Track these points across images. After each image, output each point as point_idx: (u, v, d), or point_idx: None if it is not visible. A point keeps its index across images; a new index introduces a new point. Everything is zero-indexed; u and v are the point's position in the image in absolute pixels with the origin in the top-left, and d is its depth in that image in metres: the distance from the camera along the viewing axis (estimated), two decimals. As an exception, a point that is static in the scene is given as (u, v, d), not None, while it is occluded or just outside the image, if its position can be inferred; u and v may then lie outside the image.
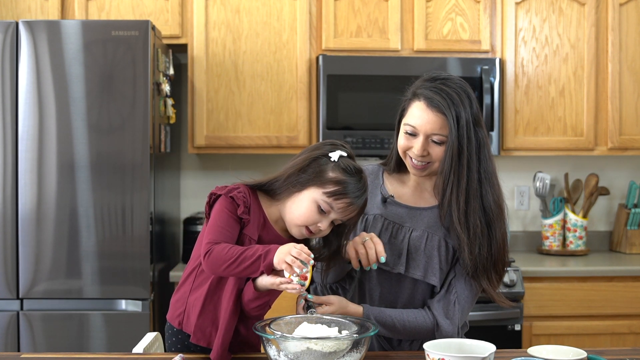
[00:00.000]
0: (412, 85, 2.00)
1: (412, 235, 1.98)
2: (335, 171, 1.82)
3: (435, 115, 1.90)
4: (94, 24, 3.15)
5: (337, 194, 1.80)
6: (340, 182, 1.81)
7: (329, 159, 1.84)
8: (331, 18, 3.56)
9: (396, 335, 2.01)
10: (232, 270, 1.74)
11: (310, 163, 1.84)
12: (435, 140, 1.92)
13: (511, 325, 3.29)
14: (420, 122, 1.91)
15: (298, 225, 1.83)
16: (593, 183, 3.84)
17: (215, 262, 1.75)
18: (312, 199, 1.81)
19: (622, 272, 3.42)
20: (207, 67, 3.53)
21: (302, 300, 1.94)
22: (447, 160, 1.91)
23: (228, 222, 1.80)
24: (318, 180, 1.81)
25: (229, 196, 1.82)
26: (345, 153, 1.86)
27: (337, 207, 1.81)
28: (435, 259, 1.97)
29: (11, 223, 3.06)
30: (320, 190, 1.81)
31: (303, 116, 3.55)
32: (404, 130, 1.95)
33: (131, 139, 3.06)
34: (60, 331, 3.06)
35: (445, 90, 1.91)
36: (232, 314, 1.82)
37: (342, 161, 1.84)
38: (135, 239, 3.07)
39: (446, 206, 1.93)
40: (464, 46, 3.60)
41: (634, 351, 1.98)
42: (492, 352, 1.64)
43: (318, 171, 1.82)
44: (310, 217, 1.81)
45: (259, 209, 1.86)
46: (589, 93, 3.64)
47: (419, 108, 1.92)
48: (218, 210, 1.82)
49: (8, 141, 3.05)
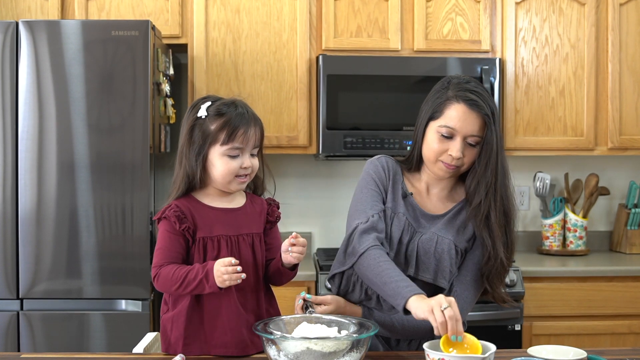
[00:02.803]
0: (440, 90, 2.00)
1: (421, 239, 1.99)
2: (212, 121, 1.89)
3: (477, 116, 1.93)
4: (94, 24, 3.15)
5: (230, 135, 1.87)
6: (224, 125, 1.88)
7: (200, 118, 1.90)
8: (331, 18, 3.56)
9: (395, 335, 2.01)
10: (182, 291, 1.84)
11: (191, 133, 1.91)
12: (471, 142, 1.94)
13: (511, 325, 3.29)
14: (461, 123, 1.93)
15: (228, 182, 1.91)
16: (593, 183, 3.84)
17: (165, 284, 1.86)
18: (219, 156, 1.89)
19: (622, 272, 3.42)
20: (207, 67, 3.53)
21: (301, 300, 1.94)
22: (483, 162, 1.94)
23: (170, 241, 1.88)
24: (208, 140, 1.89)
25: (163, 218, 1.89)
26: (208, 102, 1.92)
27: (239, 143, 1.88)
28: (445, 262, 1.97)
29: (11, 223, 3.05)
30: (217, 145, 1.89)
31: (303, 116, 3.55)
32: (439, 132, 1.95)
33: (131, 139, 3.06)
34: (60, 331, 3.06)
35: (480, 92, 1.95)
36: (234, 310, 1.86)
37: (210, 110, 1.90)
38: (135, 239, 3.07)
39: (476, 206, 1.96)
40: (464, 46, 3.60)
41: (634, 351, 1.98)
42: (492, 352, 1.64)
43: (201, 134, 1.89)
44: (230, 169, 1.89)
45: (201, 207, 1.92)
46: (589, 93, 3.64)
47: (459, 110, 1.93)
48: (159, 234, 1.91)
49: (8, 141, 3.05)
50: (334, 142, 3.49)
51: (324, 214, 3.91)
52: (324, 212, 3.91)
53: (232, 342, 1.86)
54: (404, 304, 1.77)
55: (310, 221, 3.91)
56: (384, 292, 1.85)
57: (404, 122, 3.50)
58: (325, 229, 3.92)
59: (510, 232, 2.00)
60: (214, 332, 1.87)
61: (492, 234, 1.96)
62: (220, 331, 1.86)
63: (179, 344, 1.88)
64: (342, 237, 2.04)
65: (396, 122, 3.50)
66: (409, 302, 1.76)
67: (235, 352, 1.86)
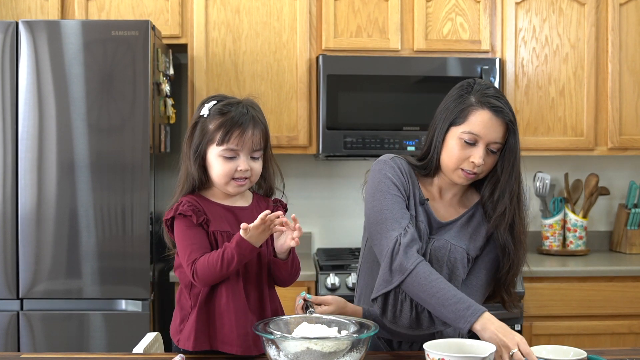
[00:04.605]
0: (461, 95, 1.96)
1: (433, 245, 1.97)
2: (212, 121, 1.88)
3: (501, 123, 1.91)
4: (94, 24, 3.15)
5: (225, 136, 1.86)
6: (220, 126, 1.87)
7: (202, 117, 1.89)
8: (331, 18, 3.56)
9: (398, 338, 2.01)
10: (225, 271, 1.81)
11: (192, 131, 1.91)
12: (493, 149, 1.93)
13: (511, 326, 3.28)
14: (486, 130, 1.91)
15: (225, 184, 1.89)
16: (593, 183, 3.84)
17: (205, 274, 1.81)
18: (215, 157, 1.88)
19: (622, 272, 3.42)
20: (207, 67, 3.53)
21: (301, 300, 1.94)
22: (507, 168, 1.94)
23: (193, 236, 1.86)
24: (205, 139, 1.88)
25: (179, 214, 1.87)
26: (213, 102, 1.91)
27: (234, 145, 1.86)
28: (459, 270, 1.96)
29: (11, 223, 3.06)
30: (214, 145, 1.87)
31: (303, 116, 3.55)
32: (461, 138, 1.92)
33: (131, 139, 3.06)
34: (60, 331, 3.06)
35: (502, 99, 1.94)
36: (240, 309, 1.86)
37: (213, 110, 1.89)
38: (135, 239, 3.07)
39: (500, 215, 1.95)
40: (464, 46, 3.60)
41: (634, 351, 1.98)
42: (492, 352, 1.64)
43: (201, 133, 1.89)
44: (225, 171, 1.88)
45: (209, 203, 1.91)
46: (589, 93, 3.64)
47: (484, 116, 1.91)
48: (178, 231, 1.88)
49: (8, 141, 3.05)
50: (334, 142, 3.48)
51: (324, 214, 3.91)
52: (324, 212, 3.91)
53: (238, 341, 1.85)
54: (470, 327, 1.78)
55: (310, 221, 3.91)
56: (442, 314, 1.82)
57: (404, 122, 3.50)
58: (325, 229, 3.92)
59: (526, 238, 2.01)
60: (223, 329, 1.86)
61: (515, 242, 1.95)
62: (227, 328, 1.85)
63: (190, 339, 1.86)
64: (343, 237, 2.03)
65: (396, 122, 3.50)
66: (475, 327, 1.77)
67: (239, 351, 1.85)
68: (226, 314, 1.85)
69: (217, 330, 1.86)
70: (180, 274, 1.93)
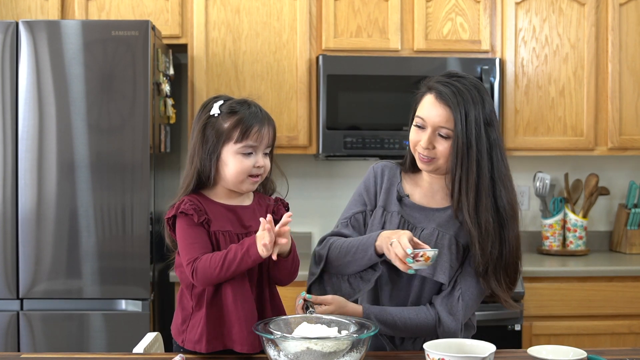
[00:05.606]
0: (426, 80, 2.03)
1: (422, 234, 2.00)
2: (226, 119, 1.89)
3: (443, 108, 1.93)
4: (94, 24, 3.15)
5: (244, 133, 1.87)
6: (237, 123, 1.88)
7: (213, 116, 1.90)
8: (331, 18, 3.56)
9: (398, 334, 2.01)
10: (224, 274, 1.81)
11: (204, 132, 1.90)
12: (442, 134, 1.94)
13: (511, 325, 3.29)
14: (428, 114, 1.95)
15: (241, 182, 1.90)
16: (593, 183, 3.84)
17: (204, 275, 1.81)
18: (232, 154, 1.88)
19: (622, 272, 3.42)
20: (207, 67, 3.53)
21: (301, 299, 1.94)
22: (453, 154, 1.93)
23: (194, 235, 1.86)
24: (221, 138, 1.88)
25: (180, 213, 1.87)
26: (220, 101, 1.92)
27: (253, 141, 1.88)
28: (445, 257, 1.97)
29: (11, 223, 3.06)
30: (231, 143, 1.88)
31: (303, 116, 3.55)
32: (415, 123, 2.00)
33: (131, 139, 3.06)
34: (60, 331, 3.06)
35: (457, 86, 1.94)
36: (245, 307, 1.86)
37: (223, 108, 1.90)
38: (135, 239, 3.07)
39: (456, 202, 1.96)
40: (464, 46, 3.60)
41: (634, 351, 1.98)
42: (492, 352, 1.64)
43: (215, 132, 1.88)
44: (243, 167, 1.88)
45: (210, 202, 1.91)
46: (589, 93, 3.64)
47: (428, 101, 1.97)
48: (180, 230, 1.88)
49: (8, 141, 3.05)
50: (334, 142, 3.49)
51: (324, 214, 3.91)
52: (323, 212, 3.91)
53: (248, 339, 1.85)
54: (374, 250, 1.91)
55: (310, 221, 3.91)
56: (359, 259, 1.95)
57: (404, 122, 3.50)
58: (325, 229, 3.91)
59: (508, 232, 2.00)
60: (232, 329, 1.86)
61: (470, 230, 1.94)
62: (237, 328, 1.85)
63: (202, 341, 1.86)
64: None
65: (396, 122, 3.50)
66: (376, 245, 1.91)
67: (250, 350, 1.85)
68: (234, 313, 1.85)
69: (228, 330, 1.86)
70: (180, 273, 1.93)
